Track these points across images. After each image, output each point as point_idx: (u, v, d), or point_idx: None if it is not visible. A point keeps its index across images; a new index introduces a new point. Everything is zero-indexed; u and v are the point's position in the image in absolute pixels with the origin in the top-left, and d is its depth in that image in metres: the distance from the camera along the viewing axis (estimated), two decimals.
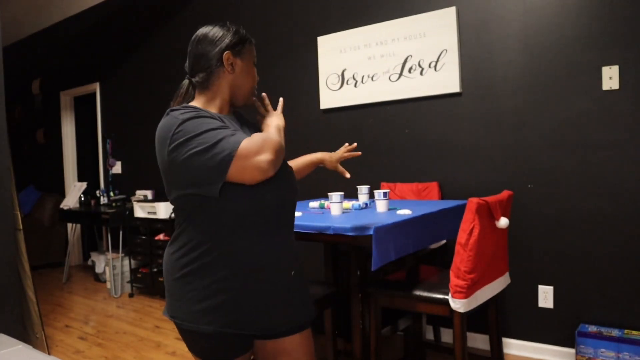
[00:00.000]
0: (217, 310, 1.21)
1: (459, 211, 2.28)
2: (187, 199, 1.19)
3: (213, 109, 1.30)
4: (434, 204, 2.42)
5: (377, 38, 3.13)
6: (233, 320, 1.22)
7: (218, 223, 1.19)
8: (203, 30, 1.32)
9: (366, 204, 2.45)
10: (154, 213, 4.04)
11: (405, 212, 2.08)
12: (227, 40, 1.29)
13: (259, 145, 1.12)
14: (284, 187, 1.27)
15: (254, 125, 1.42)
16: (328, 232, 1.84)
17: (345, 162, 3.36)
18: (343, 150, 1.84)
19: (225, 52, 1.28)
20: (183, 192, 1.19)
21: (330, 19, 3.40)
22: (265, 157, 1.12)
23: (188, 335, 1.27)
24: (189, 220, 1.22)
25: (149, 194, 4.67)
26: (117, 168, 5.26)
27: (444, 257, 2.82)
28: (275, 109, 1.41)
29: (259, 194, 1.19)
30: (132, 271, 4.37)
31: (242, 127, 1.35)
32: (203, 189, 1.15)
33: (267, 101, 1.41)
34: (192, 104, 1.30)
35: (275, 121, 1.32)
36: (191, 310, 1.22)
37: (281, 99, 1.45)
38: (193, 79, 1.33)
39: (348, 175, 1.73)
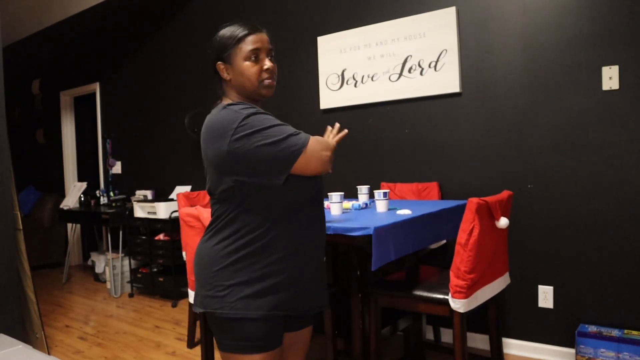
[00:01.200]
0: (268, 293, 1.28)
1: (459, 211, 2.28)
2: (243, 186, 1.26)
3: None
4: (434, 204, 2.42)
5: (377, 38, 3.13)
6: (282, 301, 1.30)
7: (275, 207, 1.28)
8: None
9: (366, 204, 2.45)
10: (154, 213, 4.04)
11: (405, 212, 2.08)
12: (215, 50, 1.37)
13: (323, 145, 1.30)
14: (319, 177, 1.40)
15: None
16: (328, 232, 1.84)
17: (345, 162, 3.36)
18: (331, 137, 1.80)
19: (218, 63, 1.37)
20: (240, 180, 1.26)
21: (330, 19, 3.40)
22: (327, 153, 1.30)
23: (231, 326, 1.29)
24: (242, 207, 1.29)
25: (149, 194, 4.67)
26: (117, 168, 5.26)
27: (444, 257, 2.82)
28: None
29: (309, 181, 1.32)
30: (132, 271, 4.37)
31: None
32: (267, 178, 1.25)
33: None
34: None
35: (329, 137, 1.43)
36: (239, 297, 1.27)
37: (342, 133, 1.48)
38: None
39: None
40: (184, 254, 2.56)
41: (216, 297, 1.29)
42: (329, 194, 2.23)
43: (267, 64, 1.36)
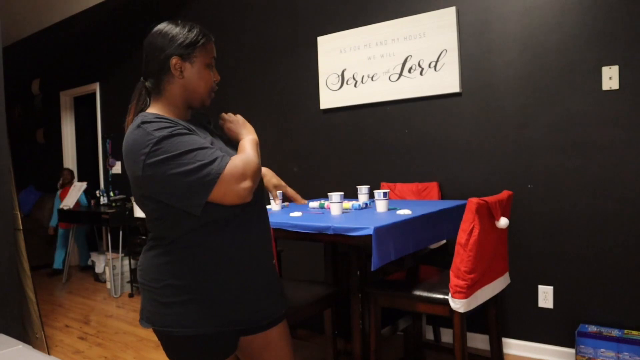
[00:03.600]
0: (211, 307, 1.22)
1: (459, 211, 2.28)
2: (162, 205, 1.19)
3: (171, 115, 1.25)
4: (434, 204, 2.42)
5: (377, 38, 3.13)
6: (227, 315, 1.23)
7: (197, 222, 1.19)
8: (155, 29, 1.27)
9: (366, 204, 2.45)
10: None
11: (405, 212, 2.08)
12: (175, 45, 1.23)
13: (241, 172, 1.13)
14: None
15: (215, 132, 1.38)
16: (328, 232, 1.84)
17: (345, 162, 3.36)
18: (291, 192, 1.67)
19: (172, 58, 1.23)
20: (157, 201, 1.18)
21: (330, 19, 3.40)
22: (245, 184, 1.13)
23: (177, 343, 1.24)
24: (169, 221, 1.21)
25: None
26: (117, 168, 5.26)
27: (444, 257, 2.82)
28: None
29: None
30: (132, 271, 4.37)
31: (206, 132, 1.32)
32: (185, 205, 1.15)
33: (225, 115, 1.37)
34: (149, 111, 1.26)
35: (248, 136, 1.28)
36: (182, 313, 1.21)
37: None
38: (146, 83, 1.30)
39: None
40: None
41: (160, 314, 1.23)
42: (329, 194, 2.23)
43: (218, 76, 1.32)
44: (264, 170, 1.63)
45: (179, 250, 1.22)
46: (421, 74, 2.96)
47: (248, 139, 1.27)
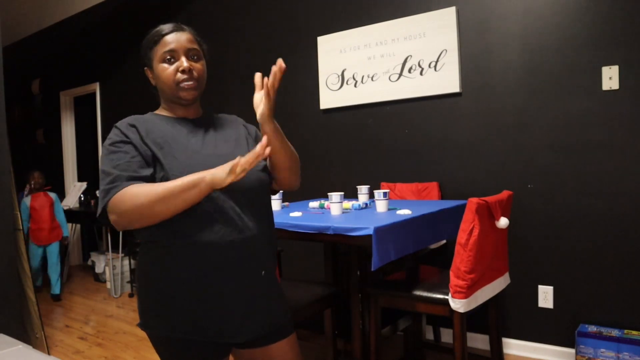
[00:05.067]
0: (177, 316, 1.18)
1: (459, 211, 2.28)
2: None
3: (171, 114, 1.32)
4: (434, 204, 2.42)
5: (377, 38, 3.13)
6: (185, 324, 1.18)
7: (176, 220, 1.14)
8: None
9: (366, 204, 2.45)
10: None
11: (405, 212, 2.08)
12: (142, 55, 1.32)
13: (115, 206, 1.11)
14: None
15: (218, 134, 1.32)
16: (328, 232, 1.84)
17: (345, 162, 3.36)
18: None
19: (145, 69, 1.33)
20: None
21: (330, 19, 3.40)
22: (112, 217, 1.12)
23: (156, 343, 1.26)
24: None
25: None
26: None
27: (444, 257, 2.82)
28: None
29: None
30: (132, 271, 4.37)
31: (211, 131, 1.30)
32: None
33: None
34: (157, 112, 1.36)
35: (202, 174, 1.09)
36: (148, 313, 1.24)
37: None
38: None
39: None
40: None
41: (142, 313, 1.27)
42: (329, 194, 2.23)
43: (184, 64, 1.23)
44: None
45: (151, 252, 1.23)
46: (421, 74, 2.96)
47: (199, 175, 1.10)
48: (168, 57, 1.24)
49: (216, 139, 1.30)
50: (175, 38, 1.25)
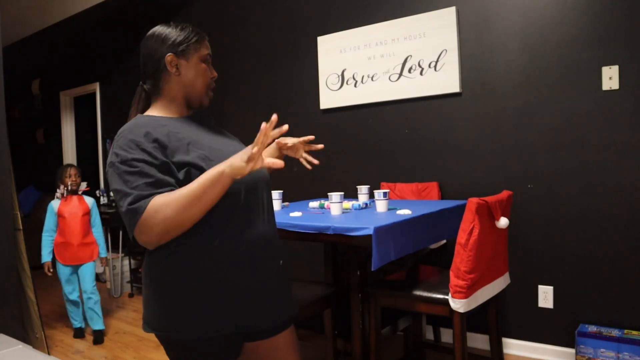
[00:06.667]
0: (213, 310, 1.18)
1: (459, 211, 2.28)
2: None
3: (171, 114, 1.27)
4: (434, 204, 2.42)
5: (377, 38, 3.13)
6: (226, 318, 1.19)
7: (208, 220, 1.16)
8: (149, 33, 1.29)
9: (366, 204, 2.45)
10: None
11: (405, 212, 2.08)
12: (169, 42, 1.24)
13: (146, 224, 1.08)
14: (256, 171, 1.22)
15: (219, 130, 1.38)
16: (328, 232, 1.84)
17: (345, 162, 3.36)
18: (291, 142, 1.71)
19: (168, 55, 1.24)
20: None
21: (330, 19, 3.40)
22: (144, 238, 1.11)
23: (178, 347, 1.22)
24: None
25: None
26: None
27: (444, 257, 2.82)
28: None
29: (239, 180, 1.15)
30: (132, 271, 4.37)
31: (203, 130, 1.30)
32: None
33: (266, 131, 1.09)
34: (149, 112, 1.28)
35: (221, 166, 1.10)
36: (184, 316, 1.18)
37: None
38: (144, 86, 1.31)
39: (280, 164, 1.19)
40: None
41: (161, 318, 1.20)
42: (329, 194, 2.23)
43: (215, 73, 1.32)
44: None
45: (179, 253, 1.18)
46: (421, 74, 2.96)
47: (217, 169, 1.10)
48: (206, 59, 1.29)
49: (213, 132, 1.34)
50: (209, 46, 1.31)
